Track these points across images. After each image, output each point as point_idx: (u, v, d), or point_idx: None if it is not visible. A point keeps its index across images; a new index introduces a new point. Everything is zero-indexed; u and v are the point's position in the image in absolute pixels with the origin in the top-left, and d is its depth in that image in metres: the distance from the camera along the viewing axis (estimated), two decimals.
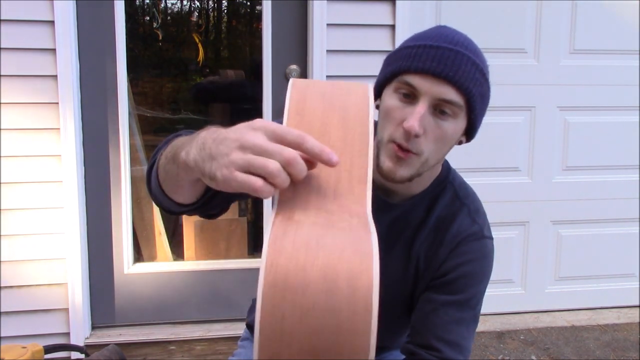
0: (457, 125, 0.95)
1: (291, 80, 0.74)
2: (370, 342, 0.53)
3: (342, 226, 0.58)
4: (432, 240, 1.05)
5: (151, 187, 0.93)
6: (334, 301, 0.53)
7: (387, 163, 0.94)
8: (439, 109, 0.93)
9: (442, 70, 0.90)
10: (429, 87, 0.91)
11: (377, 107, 1.01)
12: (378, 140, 0.97)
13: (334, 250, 0.55)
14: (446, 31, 0.97)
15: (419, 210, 1.06)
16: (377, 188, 1.04)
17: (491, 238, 1.07)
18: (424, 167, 0.96)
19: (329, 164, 0.61)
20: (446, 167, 1.10)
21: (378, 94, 1.01)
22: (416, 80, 0.92)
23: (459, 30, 1.00)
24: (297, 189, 0.62)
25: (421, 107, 0.91)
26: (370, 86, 0.76)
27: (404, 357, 1.11)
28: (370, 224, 0.60)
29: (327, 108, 0.69)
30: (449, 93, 0.91)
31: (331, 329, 0.53)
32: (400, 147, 0.93)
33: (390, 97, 0.95)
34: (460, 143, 1.02)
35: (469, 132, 1.00)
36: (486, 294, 1.09)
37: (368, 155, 0.66)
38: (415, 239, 1.06)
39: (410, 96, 0.93)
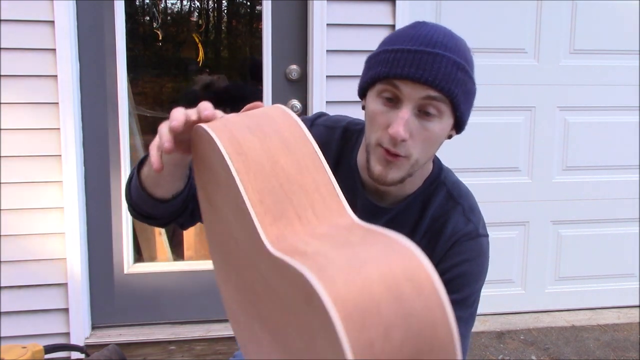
0: (443, 124, 0.95)
1: (202, 129, 0.72)
2: (452, 328, 0.54)
3: (354, 241, 0.58)
4: (427, 242, 1.05)
5: (131, 194, 1.02)
6: (407, 306, 0.53)
7: (377, 167, 0.95)
8: (423, 110, 0.93)
9: (422, 75, 0.90)
10: (410, 92, 0.91)
11: (363, 107, 1.02)
12: (367, 144, 0.98)
13: (376, 260, 0.54)
14: (424, 30, 0.95)
15: (412, 211, 1.05)
16: (368, 192, 1.05)
17: (486, 235, 1.06)
18: (414, 167, 0.97)
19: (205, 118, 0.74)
20: (438, 165, 1.09)
21: (362, 95, 1.02)
22: (398, 85, 0.92)
23: (450, 26, 0.99)
24: (279, 224, 0.62)
25: (404, 112, 0.91)
26: (282, 106, 0.76)
27: None
28: (371, 226, 0.60)
29: (262, 138, 0.68)
30: (431, 92, 0.92)
31: (415, 333, 0.53)
32: (388, 151, 0.94)
33: (374, 102, 0.95)
34: (450, 137, 1.02)
35: (458, 127, 1.01)
36: (486, 294, 1.09)
37: (325, 170, 0.66)
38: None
39: (394, 99, 0.93)
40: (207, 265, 2.58)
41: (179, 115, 0.77)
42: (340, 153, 1.07)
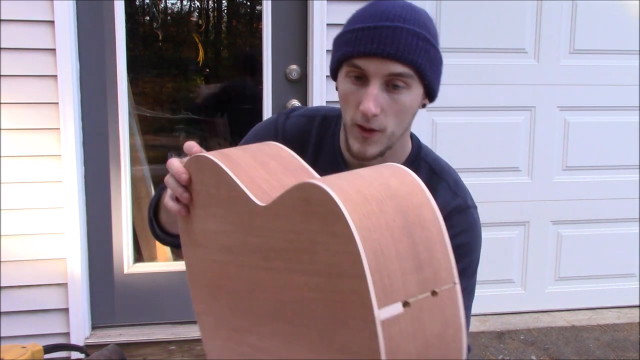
0: (412, 94, 0.98)
1: (190, 158, 0.82)
2: (434, 208, 0.65)
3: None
4: None
5: (155, 231, 1.11)
6: (394, 190, 0.64)
7: (355, 145, 0.99)
8: (391, 84, 0.96)
9: (384, 49, 0.93)
10: (376, 67, 0.94)
11: (337, 89, 1.05)
12: (344, 123, 1.03)
13: (364, 169, 0.65)
14: (382, 6, 0.98)
15: None
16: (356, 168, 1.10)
17: (475, 207, 1.08)
18: (391, 140, 1.00)
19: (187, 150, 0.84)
20: (417, 144, 1.12)
21: (334, 77, 1.05)
22: (362, 63, 0.95)
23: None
24: (270, 194, 0.71)
25: (373, 88, 0.94)
26: (273, 142, 0.85)
27: None
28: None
29: (248, 153, 0.79)
30: (396, 67, 0.94)
31: (404, 209, 0.62)
32: (363, 128, 0.97)
33: (344, 82, 0.99)
34: (424, 106, 1.05)
35: (429, 95, 1.03)
36: (486, 294, 1.10)
37: (305, 165, 0.77)
38: None
39: (362, 78, 0.97)
40: None
41: (178, 167, 0.83)
42: (321, 138, 1.12)
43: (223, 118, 3.30)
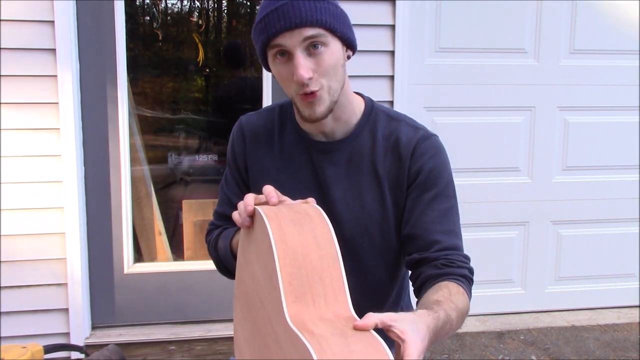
0: (332, 49, 1.10)
1: (259, 211, 0.92)
2: None
3: (349, 334, 0.78)
4: (391, 159, 1.19)
5: (223, 263, 1.24)
6: None
7: (305, 111, 1.12)
8: (310, 47, 1.08)
9: (290, 22, 1.06)
10: (291, 39, 1.07)
11: (273, 75, 1.16)
12: (291, 100, 1.16)
13: (359, 354, 0.74)
14: None
15: (364, 139, 1.21)
16: (317, 136, 1.22)
17: (436, 135, 1.22)
18: (332, 94, 1.12)
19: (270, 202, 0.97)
20: (369, 99, 1.26)
21: (268, 69, 1.17)
22: (279, 40, 1.07)
23: None
24: (298, 304, 0.82)
25: (298, 58, 1.07)
26: (320, 209, 0.94)
27: None
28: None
29: (300, 232, 0.88)
30: (306, 32, 1.06)
31: None
32: (305, 94, 1.10)
33: (275, 65, 1.12)
34: (349, 57, 1.17)
35: (349, 46, 1.16)
36: (486, 294, 1.10)
37: (340, 269, 0.86)
38: (375, 163, 1.20)
39: (285, 53, 1.09)
40: (207, 265, 2.57)
41: (248, 201, 0.96)
42: (283, 121, 1.27)
43: (224, 117, 3.30)
